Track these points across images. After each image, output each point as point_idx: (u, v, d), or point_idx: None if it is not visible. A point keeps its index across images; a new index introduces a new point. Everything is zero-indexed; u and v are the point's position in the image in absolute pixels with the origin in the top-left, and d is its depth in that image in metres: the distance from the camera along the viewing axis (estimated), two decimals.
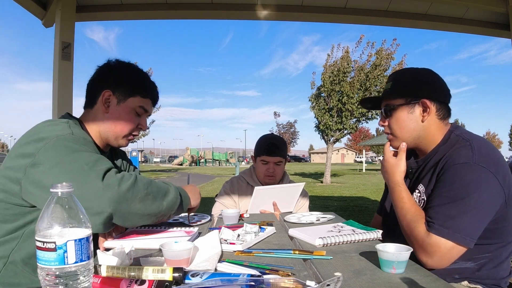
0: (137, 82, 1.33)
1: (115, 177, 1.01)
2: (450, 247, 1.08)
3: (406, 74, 1.35)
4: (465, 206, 1.08)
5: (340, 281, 0.72)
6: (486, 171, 1.09)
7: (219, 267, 0.93)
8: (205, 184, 14.90)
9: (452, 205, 1.09)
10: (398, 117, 1.29)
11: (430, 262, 1.10)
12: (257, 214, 1.83)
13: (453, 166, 1.13)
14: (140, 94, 1.32)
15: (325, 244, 1.15)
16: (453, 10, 3.11)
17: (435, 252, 1.09)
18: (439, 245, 1.08)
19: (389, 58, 13.78)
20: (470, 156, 1.12)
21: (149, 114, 1.41)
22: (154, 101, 1.40)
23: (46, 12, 2.80)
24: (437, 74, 1.30)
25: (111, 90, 1.29)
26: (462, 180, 1.10)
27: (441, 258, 1.09)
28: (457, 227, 1.07)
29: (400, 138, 1.31)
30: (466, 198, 1.08)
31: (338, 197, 10.03)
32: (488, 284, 1.18)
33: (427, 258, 1.11)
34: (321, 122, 14.55)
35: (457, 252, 1.09)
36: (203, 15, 3.09)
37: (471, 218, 1.08)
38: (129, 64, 1.38)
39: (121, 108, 1.30)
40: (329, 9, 3.08)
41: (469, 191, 1.08)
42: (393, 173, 1.28)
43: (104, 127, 1.30)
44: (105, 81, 1.30)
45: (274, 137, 2.16)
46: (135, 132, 1.36)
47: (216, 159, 52.21)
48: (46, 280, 0.66)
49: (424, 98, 1.24)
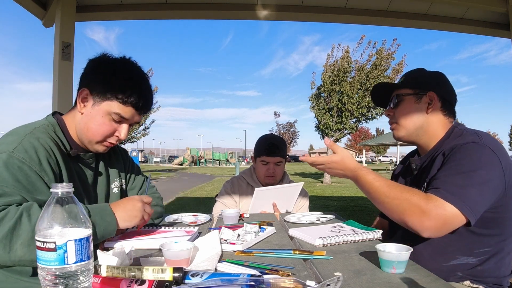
0: (118, 84, 1.16)
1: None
2: (454, 214, 1.04)
3: (419, 71, 1.40)
4: (472, 179, 1.08)
5: (340, 281, 0.72)
6: (492, 153, 1.12)
7: (219, 267, 0.93)
8: (205, 184, 14.90)
9: (460, 177, 1.09)
10: (404, 106, 1.35)
11: (432, 224, 1.05)
12: (257, 214, 1.83)
13: (461, 146, 1.15)
14: (118, 99, 1.16)
15: (325, 244, 1.15)
16: (453, 10, 3.11)
17: (439, 215, 1.04)
18: (445, 208, 1.04)
19: (390, 58, 13.77)
20: (477, 138, 1.16)
21: (133, 122, 1.26)
22: (139, 110, 1.21)
23: (46, 12, 2.80)
24: (447, 78, 1.36)
25: (89, 89, 1.17)
26: (471, 156, 1.12)
27: (443, 222, 1.05)
28: (464, 196, 1.05)
29: (403, 127, 1.35)
30: (472, 172, 1.09)
31: (338, 197, 10.04)
32: (490, 283, 1.18)
33: (429, 221, 1.04)
34: (321, 122, 14.54)
35: (458, 222, 1.06)
36: (203, 15, 3.09)
37: (478, 191, 1.07)
38: (117, 61, 1.22)
39: (95, 111, 1.17)
40: (329, 9, 3.08)
41: (477, 167, 1.10)
42: (345, 165, 1.25)
43: (78, 128, 1.21)
44: (85, 78, 1.20)
45: (273, 137, 2.16)
46: (111, 139, 1.22)
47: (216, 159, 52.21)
48: (46, 280, 0.66)
49: (432, 91, 1.30)
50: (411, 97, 1.34)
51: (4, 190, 0.96)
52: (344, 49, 14.15)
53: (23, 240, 0.89)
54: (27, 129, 1.11)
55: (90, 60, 1.23)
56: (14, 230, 0.89)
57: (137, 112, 1.21)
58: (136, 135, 20.75)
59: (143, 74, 1.25)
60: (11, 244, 0.89)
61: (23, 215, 0.91)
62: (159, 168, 35.61)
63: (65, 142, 1.20)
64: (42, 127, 1.15)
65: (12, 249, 0.89)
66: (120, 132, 1.22)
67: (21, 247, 0.89)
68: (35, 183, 1.02)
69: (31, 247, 0.89)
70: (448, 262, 1.18)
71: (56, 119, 1.22)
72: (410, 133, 1.35)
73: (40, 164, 1.04)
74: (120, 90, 1.16)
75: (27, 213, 0.92)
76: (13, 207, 0.94)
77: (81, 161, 1.25)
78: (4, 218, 0.90)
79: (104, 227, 1.05)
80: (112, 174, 1.39)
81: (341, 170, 1.27)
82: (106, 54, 1.24)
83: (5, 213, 0.91)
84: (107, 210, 1.08)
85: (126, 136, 1.25)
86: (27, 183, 1.00)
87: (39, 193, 1.02)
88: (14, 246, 0.89)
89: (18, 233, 0.89)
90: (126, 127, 1.23)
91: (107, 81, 1.16)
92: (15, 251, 0.89)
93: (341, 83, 13.76)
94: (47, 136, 1.12)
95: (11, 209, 0.92)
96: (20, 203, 0.96)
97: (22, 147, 1.03)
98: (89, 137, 1.20)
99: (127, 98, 1.16)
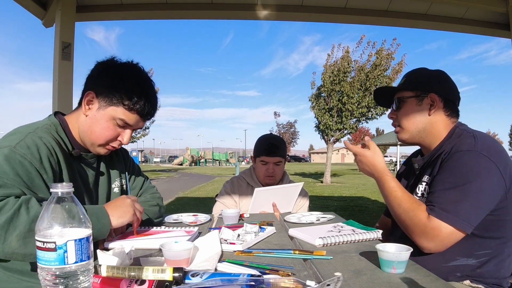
0: (124, 90, 1.16)
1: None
2: (450, 232, 1.10)
3: (419, 71, 1.39)
4: (465, 192, 1.10)
5: (340, 281, 0.72)
6: (487, 160, 1.12)
7: (219, 267, 0.93)
8: (205, 184, 14.90)
9: (453, 191, 1.12)
10: (407, 109, 1.35)
11: (431, 246, 1.12)
12: (257, 214, 1.83)
13: (455, 153, 1.16)
14: (124, 106, 1.16)
15: (325, 244, 1.15)
16: (453, 10, 3.11)
17: (437, 236, 1.10)
18: (440, 229, 1.10)
19: (389, 58, 13.77)
20: (472, 145, 1.16)
21: (137, 128, 1.26)
22: (144, 116, 1.22)
23: (46, 12, 2.80)
24: (448, 76, 1.35)
25: (95, 92, 1.17)
26: (464, 166, 1.13)
27: (441, 242, 1.11)
28: (457, 211, 1.09)
29: (406, 130, 1.35)
30: (467, 184, 1.10)
31: (338, 197, 10.03)
32: (490, 284, 1.18)
33: (428, 243, 1.12)
34: (321, 122, 14.54)
35: (456, 237, 1.11)
36: (203, 15, 3.09)
37: (471, 203, 1.10)
38: (125, 66, 1.22)
39: (100, 115, 1.17)
40: (329, 9, 3.08)
41: (470, 178, 1.11)
42: (374, 163, 1.29)
43: (81, 130, 1.21)
44: (92, 81, 1.21)
45: (273, 137, 2.16)
46: (113, 143, 1.23)
47: (216, 159, 52.21)
48: (46, 280, 0.66)
49: (433, 93, 1.29)
50: (412, 100, 1.33)
51: (4, 182, 0.96)
52: (344, 49, 14.16)
53: (19, 232, 0.89)
54: (30, 128, 1.11)
55: (98, 63, 1.23)
56: (12, 221, 0.89)
57: (142, 119, 1.22)
58: (136, 135, 20.79)
59: (150, 81, 1.25)
60: (6, 235, 0.88)
61: (22, 207, 0.91)
62: (159, 168, 35.62)
63: (67, 142, 1.20)
64: (45, 127, 1.15)
65: (6, 240, 0.88)
66: (123, 137, 1.23)
67: (16, 239, 0.88)
68: (34, 179, 1.02)
69: (26, 240, 0.89)
70: (448, 263, 1.18)
71: (58, 119, 1.23)
72: (413, 135, 1.35)
73: (40, 162, 1.05)
74: (126, 96, 1.16)
75: (26, 206, 0.92)
76: (11, 198, 0.94)
77: (83, 161, 1.26)
78: (2, 208, 0.90)
79: (98, 228, 1.05)
80: (113, 174, 1.40)
81: (369, 166, 1.31)
82: (114, 58, 1.24)
83: (4, 203, 0.91)
84: (102, 211, 1.09)
85: (128, 141, 1.26)
86: (27, 178, 1.00)
87: (37, 190, 1.02)
88: (9, 238, 0.88)
89: (15, 225, 0.89)
90: (130, 132, 1.24)
91: (114, 86, 1.16)
92: (10, 242, 0.88)
93: (341, 83, 13.76)
94: (50, 136, 1.13)
95: (10, 200, 0.92)
96: (18, 196, 0.96)
97: (24, 143, 1.04)
98: (92, 140, 1.21)
99: (133, 105, 1.17)
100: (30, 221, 0.90)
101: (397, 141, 23.59)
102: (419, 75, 1.37)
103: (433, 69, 1.38)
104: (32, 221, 0.90)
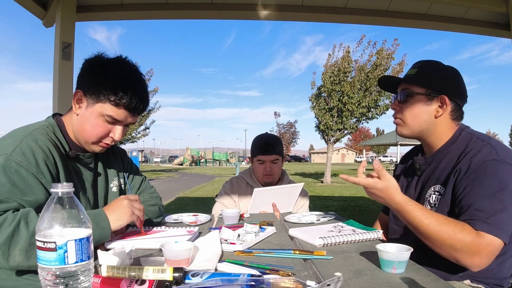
0: (109, 86, 1.14)
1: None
2: (499, 245, 1.05)
3: (434, 66, 1.30)
4: (501, 201, 1.07)
5: (340, 281, 0.72)
6: (511, 168, 1.10)
7: (219, 267, 0.93)
8: (205, 184, 14.89)
9: (490, 202, 1.07)
10: (413, 105, 1.27)
11: (484, 262, 1.05)
12: (257, 214, 1.83)
13: (482, 163, 1.12)
14: (111, 102, 1.14)
15: (326, 244, 1.15)
16: (453, 10, 3.11)
17: (490, 253, 1.05)
18: (494, 244, 1.04)
19: (390, 58, 13.77)
20: (495, 154, 1.13)
21: (128, 124, 1.23)
22: (133, 111, 1.19)
23: (46, 12, 2.80)
24: (462, 76, 1.29)
25: (83, 91, 1.17)
26: (495, 176, 1.10)
27: (493, 257, 1.06)
28: (498, 223, 1.05)
29: (409, 126, 1.30)
30: (501, 193, 1.07)
31: (338, 197, 10.03)
32: (490, 284, 1.18)
33: (480, 260, 1.04)
34: (322, 122, 14.53)
35: (500, 249, 1.06)
36: (203, 15, 3.09)
37: (508, 213, 1.06)
38: (110, 61, 1.20)
39: (89, 113, 1.16)
40: (329, 9, 3.07)
41: (502, 186, 1.08)
42: (390, 196, 1.16)
43: (75, 129, 1.21)
44: (80, 79, 1.20)
45: (268, 136, 2.17)
46: (106, 140, 1.22)
47: (216, 159, 52.18)
48: (46, 280, 0.66)
49: (444, 94, 1.23)
50: (421, 97, 1.25)
51: (3, 196, 0.97)
52: (345, 49, 14.15)
53: (21, 246, 0.91)
54: (26, 131, 1.11)
55: (85, 61, 1.22)
56: (13, 237, 0.91)
57: (131, 114, 1.20)
58: (136, 135, 20.75)
59: (138, 75, 1.22)
60: (9, 251, 0.90)
61: (21, 222, 0.93)
62: (159, 168, 35.62)
63: (64, 143, 1.21)
64: (42, 128, 1.16)
65: (10, 255, 0.90)
66: (115, 133, 1.21)
67: (19, 253, 0.91)
68: (32, 185, 1.03)
69: (29, 253, 0.91)
70: (449, 263, 1.18)
71: (56, 120, 1.23)
72: (414, 133, 1.30)
73: (37, 166, 1.05)
74: (112, 92, 1.14)
75: (25, 220, 0.94)
76: (10, 213, 0.95)
77: (80, 162, 1.26)
78: (2, 224, 0.91)
79: (99, 232, 1.06)
80: (110, 173, 1.40)
81: (384, 199, 1.18)
82: (101, 55, 1.22)
83: (3, 219, 0.92)
84: (102, 215, 1.09)
85: (120, 137, 1.25)
86: (24, 186, 1.01)
87: (36, 195, 1.03)
88: (12, 253, 0.90)
89: (16, 240, 0.91)
90: (120, 128, 1.22)
91: (99, 83, 1.15)
92: (14, 257, 0.91)
93: (341, 83, 13.75)
94: (46, 138, 1.13)
95: (9, 215, 0.94)
96: (17, 209, 0.97)
97: (20, 149, 1.04)
98: (85, 138, 1.21)
99: (119, 100, 1.14)
100: (30, 235, 0.92)
101: (397, 141, 23.60)
102: (433, 71, 1.28)
103: (447, 64, 1.30)
104: (32, 235, 0.92)
